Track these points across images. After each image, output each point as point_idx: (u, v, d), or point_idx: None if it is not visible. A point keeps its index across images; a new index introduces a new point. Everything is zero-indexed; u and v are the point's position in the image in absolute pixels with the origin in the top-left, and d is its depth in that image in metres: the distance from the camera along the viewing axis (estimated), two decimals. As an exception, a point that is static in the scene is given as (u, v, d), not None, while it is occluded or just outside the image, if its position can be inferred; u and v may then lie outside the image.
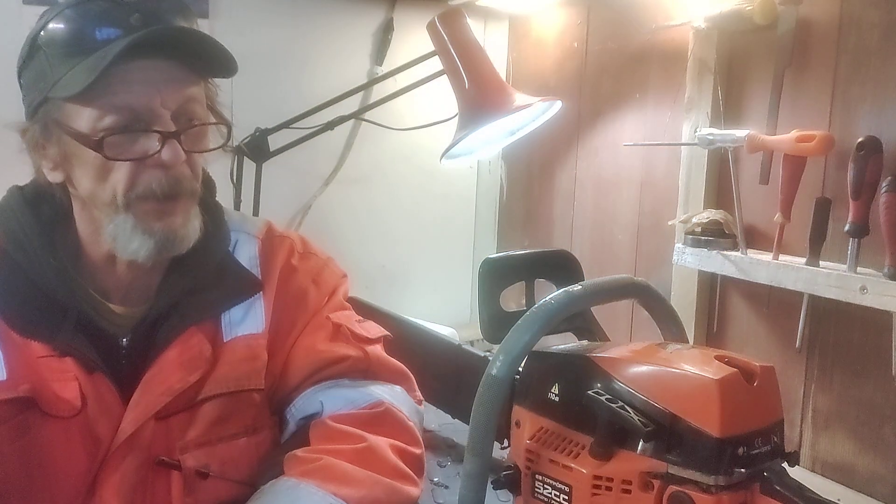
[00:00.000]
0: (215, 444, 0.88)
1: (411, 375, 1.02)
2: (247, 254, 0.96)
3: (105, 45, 0.79)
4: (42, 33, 0.81)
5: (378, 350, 1.00)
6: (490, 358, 0.79)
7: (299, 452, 0.87)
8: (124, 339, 0.88)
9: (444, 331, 1.55)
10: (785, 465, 0.71)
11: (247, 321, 0.92)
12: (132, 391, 0.84)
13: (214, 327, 0.90)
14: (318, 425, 0.91)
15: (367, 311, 1.15)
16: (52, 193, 0.87)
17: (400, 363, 1.01)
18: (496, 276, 1.01)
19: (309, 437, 0.90)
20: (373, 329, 1.02)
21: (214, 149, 0.88)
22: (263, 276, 0.95)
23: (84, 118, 0.80)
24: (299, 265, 0.99)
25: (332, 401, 0.93)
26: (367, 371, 0.97)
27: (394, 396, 0.96)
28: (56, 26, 0.81)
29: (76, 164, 0.83)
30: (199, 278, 0.89)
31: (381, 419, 0.92)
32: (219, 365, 0.89)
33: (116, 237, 0.83)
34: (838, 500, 1.11)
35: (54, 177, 0.85)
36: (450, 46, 1.32)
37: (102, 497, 0.82)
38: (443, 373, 1.17)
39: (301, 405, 0.95)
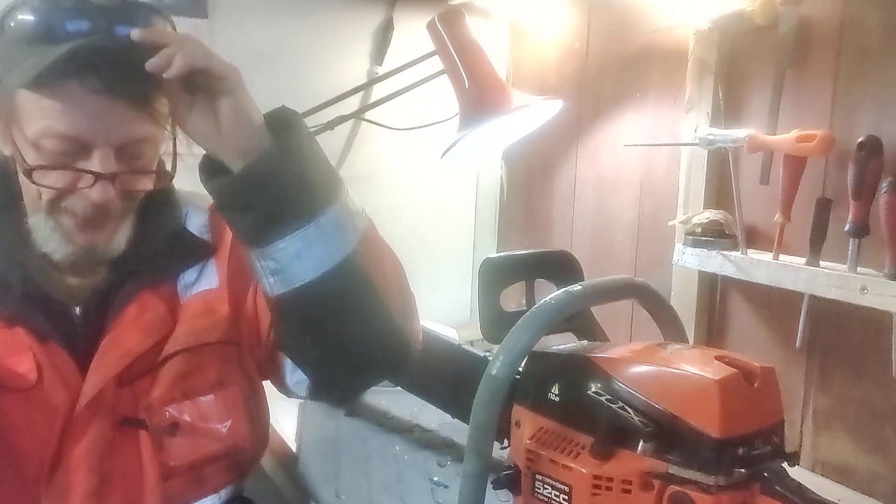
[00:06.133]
0: (181, 400, 0.89)
1: None
2: (197, 223, 0.98)
3: (67, 39, 0.78)
4: (12, 15, 0.80)
5: None
6: (490, 358, 0.79)
7: None
8: (77, 309, 0.88)
9: (444, 331, 1.55)
10: (785, 465, 0.71)
11: (201, 281, 0.94)
12: (90, 361, 0.85)
13: (171, 292, 0.92)
14: None
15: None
16: None
17: None
18: (496, 276, 1.01)
19: None
20: None
21: (150, 190, 0.88)
22: (215, 241, 0.97)
23: (31, 124, 0.79)
24: None
25: None
26: None
27: None
28: (24, 14, 0.79)
29: (18, 158, 0.82)
30: (152, 249, 0.91)
31: None
32: (178, 323, 0.91)
33: (35, 231, 0.84)
34: (838, 500, 1.11)
35: (4, 148, 0.84)
36: (450, 46, 1.32)
37: (70, 465, 0.83)
38: (443, 373, 1.16)
39: None
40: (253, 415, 0.95)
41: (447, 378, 1.16)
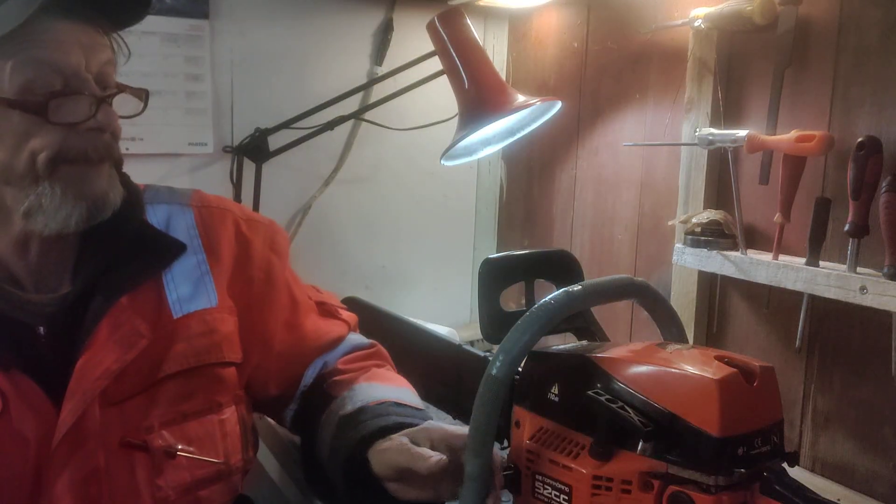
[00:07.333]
0: (181, 422, 0.86)
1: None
2: (183, 224, 0.94)
3: None
4: None
5: (348, 313, 1.12)
6: (490, 358, 0.79)
7: (339, 377, 1.01)
8: (41, 329, 0.83)
9: (443, 331, 1.55)
10: (785, 465, 0.71)
11: (198, 297, 0.91)
12: (61, 382, 0.80)
13: (156, 304, 0.88)
14: (334, 371, 1.03)
15: (367, 310, 1.16)
16: None
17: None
18: (496, 276, 1.01)
19: (326, 379, 1.02)
20: (330, 295, 1.13)
21: (136, 115, 0.87)
22: (207, 248, 0.94)
23: (7, 81, 0.76)
24: (251, 235, 0.99)
25: (333, 356, 1.05)
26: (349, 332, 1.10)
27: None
28: None
29: None
30: (116, 252, 0.86)
31: (377, 355, 1.09)
32: (175, 342, 0.87)
33: (42, 209, 0.79)
34: (838, 500, 1.11)
35: None
36: (450, 46, 1.32)
37: (54, 495, 0.78)
38: (443, 373, 1.17)
39: (309, 375, 1.04)
40: (247, 436, 0.94)
41: (447, 378, 1.16)
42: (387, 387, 0.99)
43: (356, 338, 1.10)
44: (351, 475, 0.89)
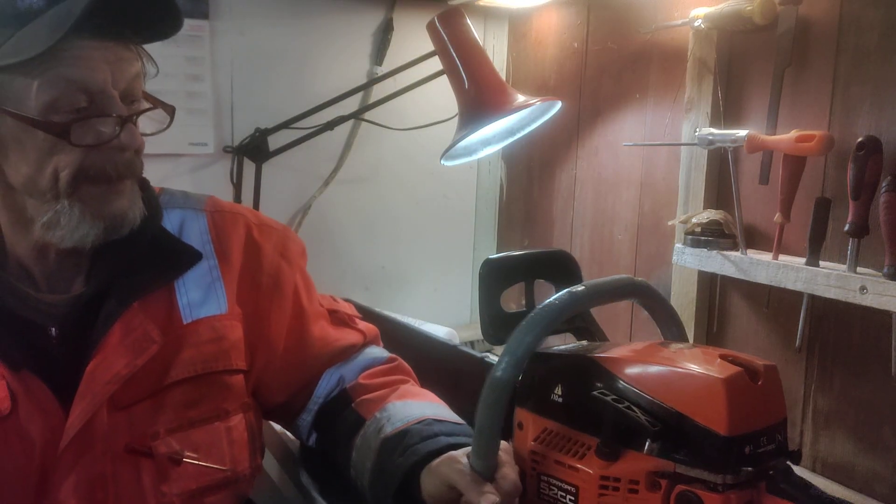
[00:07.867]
0: (187, 428, 0.86)
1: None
2: (197, 230, 0.94)
3: (35, 14, 0.76)
4: None
5: (365, 324, 1.10)
6: (487, 359, 0.79)
7: (367, 396, 0.98)
8: (53, 329, 0.83)
9: (443, 331, 1.55)
10: (788, 463, 0.71)
11: (208, 303, 0.90)
12: (70, 384, 0.80)
13: (167, 309, 0.88)
14: (357, 387, 1.00)
15: (365, 312, 1.15)
16: None
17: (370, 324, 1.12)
18: (496, 276, 1.01)
19: (351, 396, 0.99)
20: (348, 305, 1.11)
21: (161, 131, 0.87)
22: (219, 254, 0.93)
23: (32, 100, 0.76)
24: (262, 240, 0.98)
25: (351, 369, 1.02)
26: (366, 344, 1.08)
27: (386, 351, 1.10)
28: None
29: (13, 149, 0.78)
30: (132, 257, 0.86)
31: (399, 369, 1.05)
32: (184, 348, 0.87)
33: (59, 225, 0.79)
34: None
35: None
36: (449, 46, 1.32)
37: (59, 499, 0.79)
38: (441, 374, 1.16)
39: (323, 386, 1.01)
40: (255, 444, 0.94)
41: (445, 379, 1.16)
42: (422, 403, 0.96)
43: (376, 350, 1.07)
44: (401, 499, 0.86)
